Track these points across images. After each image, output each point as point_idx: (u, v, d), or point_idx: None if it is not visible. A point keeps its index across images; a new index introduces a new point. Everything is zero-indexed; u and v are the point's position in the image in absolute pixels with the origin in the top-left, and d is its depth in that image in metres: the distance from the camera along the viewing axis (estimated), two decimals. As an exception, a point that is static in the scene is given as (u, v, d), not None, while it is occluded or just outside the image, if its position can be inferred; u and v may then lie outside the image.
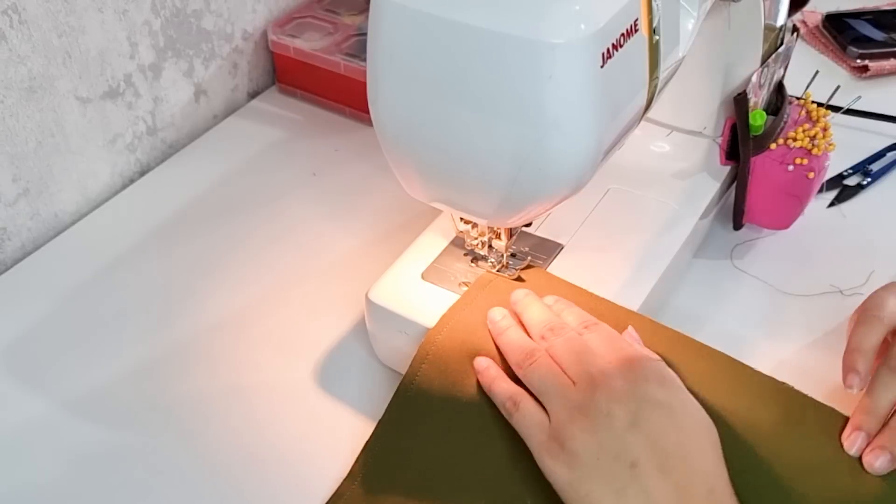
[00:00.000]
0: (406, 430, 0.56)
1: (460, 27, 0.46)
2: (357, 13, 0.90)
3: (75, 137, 0.74)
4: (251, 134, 0.86)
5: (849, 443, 0.51)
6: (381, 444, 0.56)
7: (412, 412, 0.56)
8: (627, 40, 0.48)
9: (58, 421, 0.60)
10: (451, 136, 0.50)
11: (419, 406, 0.56)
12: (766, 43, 0.67)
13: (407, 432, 0.56)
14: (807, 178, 0.66)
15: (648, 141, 0.72)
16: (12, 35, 0.66)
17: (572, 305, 0.58)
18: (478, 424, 0.55)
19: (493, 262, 0.63)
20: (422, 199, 0.57)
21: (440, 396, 0.56)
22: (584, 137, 0.49)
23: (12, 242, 0.73)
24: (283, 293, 0.68)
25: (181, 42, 0.81)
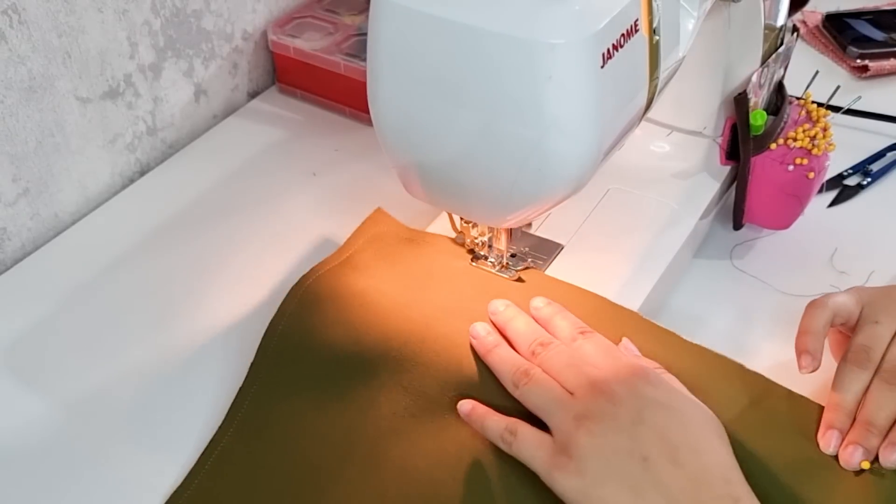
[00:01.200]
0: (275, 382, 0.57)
1: (460, 27, 0.46)
2: (357, 13, 0.90)
3: (75, 137, 0.74)
4: (251, 134, 0.86)
5: (824, 442, 0.52)
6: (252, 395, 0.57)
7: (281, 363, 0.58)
8: (627, 41, 0.48)
9: (58, 421, 0.60)
10: (450, 137, 0.50)
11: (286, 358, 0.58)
12: (766, 43, 0.67)
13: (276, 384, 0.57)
14: (807, 178, 0.66)
15: (648, 141, 0.72)
16: (12, 35, 0.66)
17: (563, 310, 0.58)
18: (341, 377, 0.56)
19: (493, 262, 0.63)
20: (422, 199, 0.57)
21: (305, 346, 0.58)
22: (584, 138, 0.49)
23: (12, 242, 0.73)
24: (283, 293, 0.67)
25: (181, 42, 0.81)
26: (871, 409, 0.52)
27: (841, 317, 0.55)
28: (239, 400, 0.58)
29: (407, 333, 0.58)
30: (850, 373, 0.53)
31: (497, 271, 0.62)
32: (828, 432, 0.52)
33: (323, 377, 0.57)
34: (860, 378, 0.53)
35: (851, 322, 0.56)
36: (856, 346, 0.54)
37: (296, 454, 0.54)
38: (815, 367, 0.54)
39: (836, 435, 0.52)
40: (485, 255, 0.63)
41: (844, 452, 0.51)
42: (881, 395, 0.52)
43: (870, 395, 0.52)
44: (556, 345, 0.55)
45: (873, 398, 0.52)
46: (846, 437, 0.52)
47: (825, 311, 0.55)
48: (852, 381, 0.53)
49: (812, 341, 0.54)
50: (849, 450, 0.51)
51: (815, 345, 0.54)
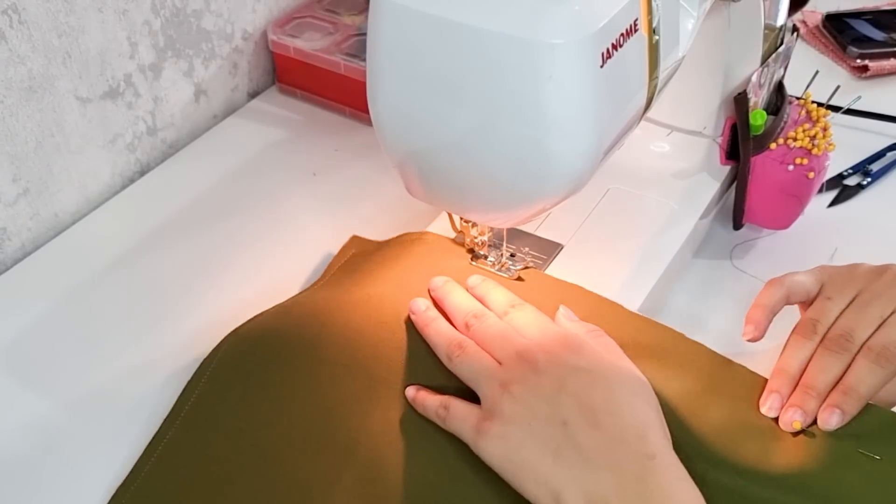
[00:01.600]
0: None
1: (460, 27, 0.46)
2: (357, 13, 0.90)
3: (75, 137, 0.74)
4: (251, 134, 0.86)
5: (766, 406, 0.54)
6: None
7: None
8: (627, 40, 0.48)
9: (58, 421, 0.60)
10: (450, 137, 0.50)
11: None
12: (766, 43, 0.67)
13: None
14: (807, 178, 0.66)
15: (648, 141, 0.72)
16: (12, 35, 0.66)
17: (498, 286, 0.59)
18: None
19: (493, 262, 0.63)
20: (421, 199, 0.57)
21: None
22: (584, 137, 0.49)
23: (12, 242, 0.73)
24: (283, 293, 0.67)
25: (181, 42, 0.81)
26: (812, 373, 0.54)
27: (798, 295, 0.58)
28: (187, 391, 0.59)
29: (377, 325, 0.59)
30: (796, 342, 0.55)
31: (497, 271, 0.62)
32: (770, 396, 0.54)
33: (274, 366, 0.58)
34: (805, 347, 0.55)
35: (810, 300, 0.58)
36: (804, 318, 0.56)
37: (244, 442, 0.55)
38: (756, 336, 0.57)
39: (777, 398, 0.54)
40: (485, 255, 0.63)
41: (784, 415, 0.53)
42: (823, 360, 0.54)
43: (812, 361, 0.54)
44: (489, 316, 0.56)
45: (815, 364, 0.54)
46: (787, 400, 0.54)
47: (780, 289, 0.57)
48: (797, 350, 0.55)
49: (759, 314, 0.57)
50: (789, 412, 0.53)
51: (761, 317, 0.57)
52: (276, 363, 0.59)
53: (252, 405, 0.57)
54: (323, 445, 0.54)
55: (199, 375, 0.60)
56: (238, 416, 0.56)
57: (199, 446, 0.56)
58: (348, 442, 0.54)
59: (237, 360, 0.60)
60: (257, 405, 0.57)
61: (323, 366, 0.58)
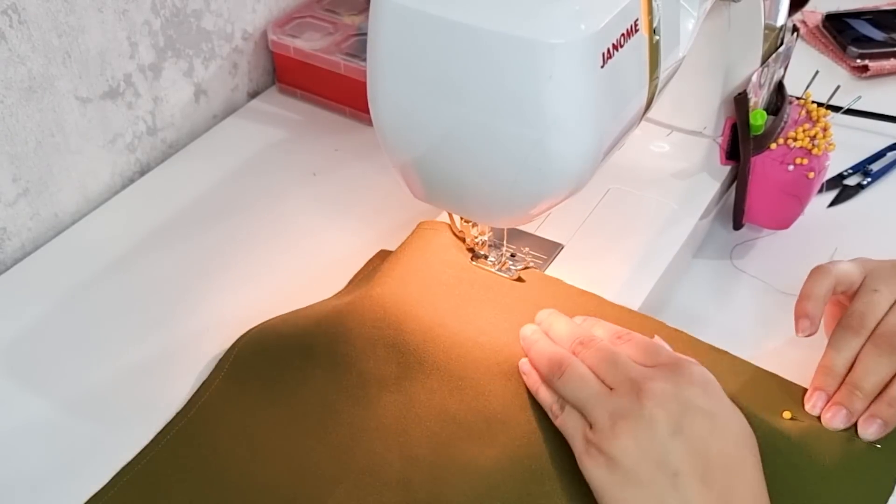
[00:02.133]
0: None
1: (460, 27, 0.46)
2: (357, 13, 0.90)
3: (75, 137, 0.74)
4: (251, 134, 0.86)
5: (811, 404, 0.52)
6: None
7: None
8: (627, 40, 0.48)
9: (58, 421, 0.60)
10: (450, 137, 0.50)
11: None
12: (766, 43, 0.67)
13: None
14: (807, 178, 0.66)
15: (648, 141, 0.72)
16: (12, 35, 0.66)
17: (601, 321, 0.57)
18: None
19: (493, 262, 0.63)
20: (422, 199, 0.57)
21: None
22: (584, 137, 0.49)
23: (12, 242, 0.73)
24: (283, 293, 0.67)
25: (181, 42, 0.81)
26: (860, 373, 0.52)
27: (843, 284, 0.55)
28: (204, 386, 0.60)
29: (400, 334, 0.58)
30: (843, 337, 0.53)
31: (497, 271, 0.62)
32: (815, 393, 0.53)
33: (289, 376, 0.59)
34: (852, 343, 0.53)
35: (852, 291, 0.55)
36: (851, 311, 0.54)
37: (253, 439, 0.56)
38: (812, 331, 0.55)
39: (823, 396, 0.52)
40: (485, 255, 0.63)
41: (827, 413, 0.52)
42: (871, 360, 0.52)
43: (860, 359, 0.52)
44: (598, 341, 0.53)
45: (863, 363, 0.52)
46: (832, 399, 0.52)
47: (828, 278, 0.55)
48: (844, 346, 0.53)
49: (812, 306, 0.55)
50: (832, 410, 0.52)
51: (815, 310, 0.55)
52: (290, 364, 0.59)
53: (265, 405, 0.57)
54: (328, 446, 0.54)
55: (217, 371, 0.60)
56: (250, 414, 0.57)
57: (208, 439, 0.56)
58: (350, 443, 0.54)
59: (253, 359, 0.60)
60: (270, 405, 0.57)
61: (334, 368, 0.58)
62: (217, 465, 0.55)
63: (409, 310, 0.59)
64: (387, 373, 0.57)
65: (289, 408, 0.57)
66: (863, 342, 0.53)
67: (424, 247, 0.64)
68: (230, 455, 0.55)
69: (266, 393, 0.58)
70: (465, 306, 0.60)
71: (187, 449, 0.56)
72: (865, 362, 0.52)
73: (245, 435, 0.56)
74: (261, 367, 0.60)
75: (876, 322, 0.53)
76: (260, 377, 0.59)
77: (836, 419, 0.51)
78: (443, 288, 0.61)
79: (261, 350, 0.61)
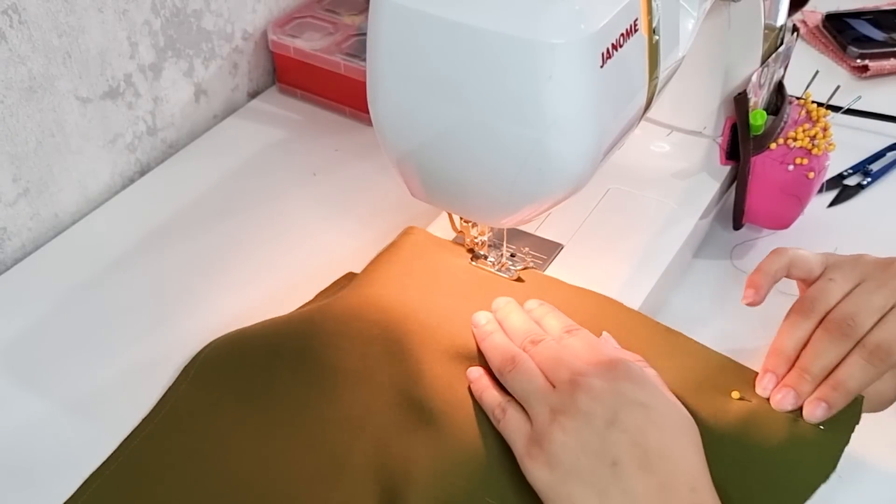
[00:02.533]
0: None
1: (460, 27, 0.46)
2: (357, 13, 0.90)
3: (75, 137, 0.74)
4: (251, 134, 0.86)
5: (761, 386, 0.54)
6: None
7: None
8: (627, 40, 0.48)
9: (58, 421, 0.60)
10: (450, 136, 0.50)
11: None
12: (766, 43, 0.67)
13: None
14: (807, 178, 0.66)
15: (648, 141, 0.72)
16: (12, 35, 0.66)
17: (554, 310, 0.58)
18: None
19: (493, 262, 0.63)
20: (422, 199, 0.57)
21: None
22: (584, 137, 0.49)
23: (12, 242, 0.73)
24: (283, 293, 0.67)
25: (181, 42, 0.81)
26: (809, 357, 0.53)
27: (800, 269, 0.57)
28: (169, 393, 0.60)
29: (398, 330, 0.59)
30: (794, 321, 0.54)
31: (497, 271, 0.62)
32: (766, 375, 0.54)
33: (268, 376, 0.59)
34: (802, 327, 0.54)
35: (811, 279, 0.57)
36: (804, 296, 0.55)
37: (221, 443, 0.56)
38: (755, 300, 0.56)
39: (772, 378, 0.54)
40: (485, 255, 0.63)
41: (777, 395, 0.53)
42: (820, 344, 0.53)
43: (810, 343, 0.54)
44: (547, 340, 0.55)
45: (812, 347, 0.53)
46: (781, 381, 0.53)
47: (783, 257, 0.57)
48: (795, 329, 0.54)
49: (760, 278, 0.57)
50: (781, 392, 0.53)
51: (762, 282, 0.56)
52: (257, 364, 0.59)
53: (234, 405, 0.58)
54: (298, 441, 0.55)
55: (181, 378, 0.61)
56: (220, 415, 0.57)
57: (175, 444, 0.56)
58: (320, 436, 0.55)
59: (218, 364, 0.61)
60: (239, 404, 0.57)
61: (300, 363, 0.58)
62: (190, 466, 0.55)
63: (380, 302, 0.60)
64: (351, 365, 0.57)
65: (258, 406, 0.57)
66: (813, 326, 0.54)
67: (409, 247, 0.64)
68: (202, 456, 0.55)
69: (234, 393, 0.58)
70: (442, 299, 0.60)
71: (157, 452, 0.56)
72: (815, 346, 0.53)
73: (216, 435, 0.57)
74: (227, 369, 0.60)
75: (827, 308, 0.54)
76: (227, 379, 0.60)
77: (785, 401, 0.52)
78: (423, 284, 0.61)
79: (226, 353, 0.61)
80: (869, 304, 0.53)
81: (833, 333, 0.53)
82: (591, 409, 0.49)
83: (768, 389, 0.53)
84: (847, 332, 0.52)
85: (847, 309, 0.53)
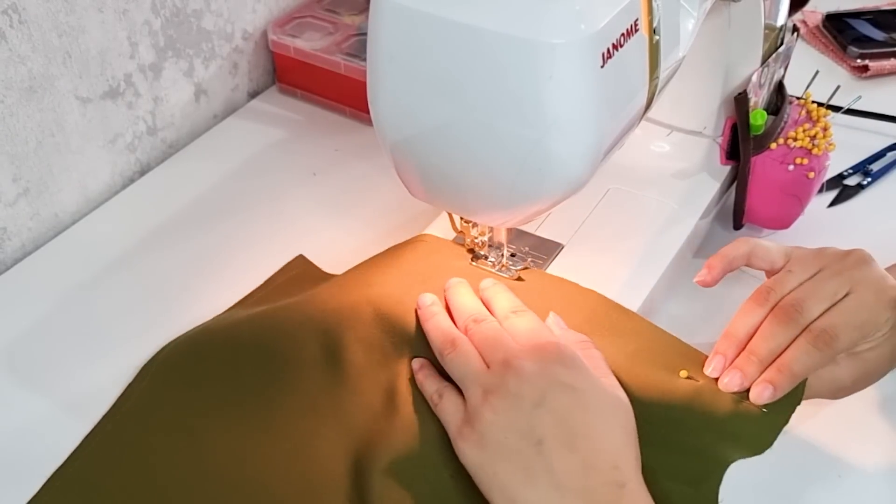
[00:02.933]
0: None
1: (460, 27, 0.46)
2: (357, 13, 0.90)
3: (75, 137, 0.74)
4: (251, 134, 0.86)
5: (710, 368, 0.55)
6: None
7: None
8: (627, 40, 0.48)
9: (58, 421, 0.60)
10: (450, 136, 0.50)
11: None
12: (767, 43, 0.67)
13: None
14: (807, 178, 0.66)
15: (648, 141, 0.72)
16: (12, 35, 0.66)
17: (505, 291, 0.59)
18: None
19: (493, 262, 0.63)
20: (422, 199, 0.57)
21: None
22: (584, 137, 0.49)
23: (12, 242, 0.73)
24: (283, 293, 0.67)
25: (181, 42, 0.81)
26: (758, 340, 0.54)
27: (762, 260, 0.58)
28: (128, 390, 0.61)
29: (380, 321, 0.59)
30: (748, 308, 0.56)
31: (497, 271, 0.62)
32: (715, 357, 0.55)
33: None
34: (755, 314, 0.55)
35: (773, 270, 0.58)
36: (762, 286, 0.56)
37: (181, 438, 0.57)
38: (707, 280, 0.58)
39: (721, 360, 0.55)
40: (485, 255, 0.63)
41: (725, 377, 0.54)
42: (769, 328, 0.54)
43: (760, 328, 0.55)
44: (489, 321, 0.56)
45: (761, 331, 0.54)
46: (730, 363, 0.55)
47: (745, 246, 0.58)
48: (747, 316, 0.55)
49: (718, 261, 0.58)
50: (729, 374, 0.54)
51: (718, 264, 0.58)
52: (219, 359, 0.61)
53: (198, 399, 0.59)
54: (266, 431, 0.56)
55: (140, 376, 0.61)
56: (184, 407, 0.59)
57: (137, 440, 0.57)
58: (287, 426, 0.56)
59: (180, 361, 0.62)
60: (203, 399, 0.59)
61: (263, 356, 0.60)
62: (155, 460, 0.56)
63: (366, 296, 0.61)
64: (309, 355, 0.58)
65: (223, 399, 0.58)
66: (766, 314, 0.55)
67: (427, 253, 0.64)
68: (168, 449, 0.56)
69: (197, 388, 0.59)
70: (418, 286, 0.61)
71: (122, 447, 0.57)
72: (763, 331, 0.54)
73: (183, 428, 0.57)
74: (188, 365, 0.61)
75: (781, 297, 0.55)
76: (189, 374, 0.60)
77: (732, 382, 0.54)
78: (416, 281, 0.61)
79: (187, 351, 0.62)
80: (820, 292, 0.54)
81: (781, 318, 0.54)
82: (521, 391, 0.50)
83: (717, 371, 0.55)
84: (795, 317, 0.54)
85: (798, 296, 0.55)
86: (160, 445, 0.57)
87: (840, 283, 0.54)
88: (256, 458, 0.55)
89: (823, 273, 0.55)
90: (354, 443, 0.55)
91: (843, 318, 0.53)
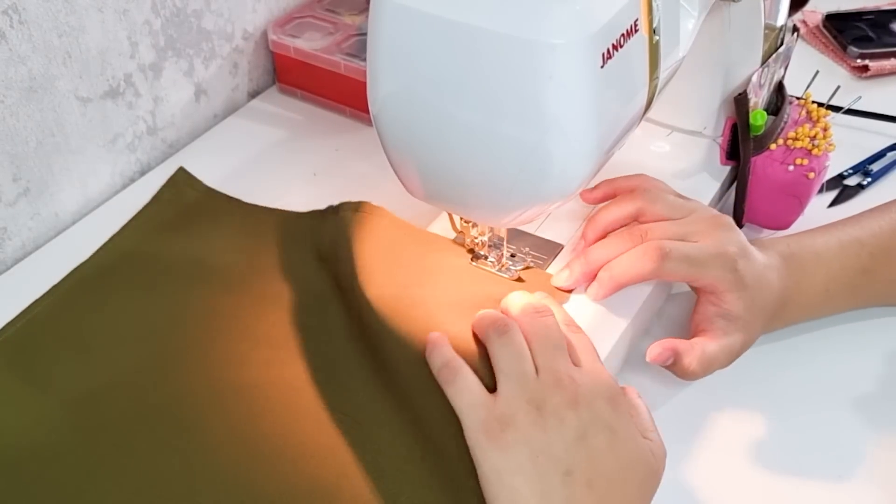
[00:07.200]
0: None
1: (460, 27, 0.46)
2: (357, 13, 0.90)
3: (75, 137, 0.74)
4: (251, 134, 0.86)
5: (554, 276, 0.61)
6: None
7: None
8: (627, 40, 0.48)
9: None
10: (451, 137, 0.50)
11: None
12: (767, 43, 0.67)
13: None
14: (807, 178, 0.66)
15: (648, 141, 0.72)
16: (12, 35, 0.66)
17: (559, 306, 0.58)
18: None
19: (493, 262, 0.63)
20: (422, 199, 0.57)
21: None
22: (585, 137, 0.49)
23: (12, 242, 0.73)
24: (284, 293, 0.67)
25: (181, 42, 0.81)
26: (596, 246, 0.60)
27: (649, 214, 0.61)
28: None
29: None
30: (607, 239, 0.61)
31: (497, 271, 0.62)
32: (562, 270, 0.61)
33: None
34: (611, 241, 0.60)
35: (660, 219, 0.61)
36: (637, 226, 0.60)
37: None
38: (588, 197, 0.65)
39: (564, 270, 0.61)
40: (485, 255, 0.63)
41: (556, 275, 0.61)
42: (609, 239, 0.60)
43: (606, 237, 0.61)
44: (550, 319, 0.54)
45: (603, 240, 0.60)
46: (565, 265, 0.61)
47: (638, 180, 0.64)
48: (604, 242, 0.60)
49: (606, 184, 0.64)
50: (561, 271, 0.61)
51: (605, 186, 0.64)
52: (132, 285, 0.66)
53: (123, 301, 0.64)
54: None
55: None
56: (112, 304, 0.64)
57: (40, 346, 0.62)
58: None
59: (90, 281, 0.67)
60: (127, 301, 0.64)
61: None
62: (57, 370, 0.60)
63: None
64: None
65: (145, 298, 0.63)
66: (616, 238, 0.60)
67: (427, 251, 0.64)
68: (94, 342, 0.61)
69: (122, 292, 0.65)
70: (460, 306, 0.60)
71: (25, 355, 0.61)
72: (604, 241, 0.60)
73: (109, 325, 0.62)
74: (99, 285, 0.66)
75: (641, 233, 0.59)
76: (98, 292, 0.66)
77: (557, 278, 0.60)
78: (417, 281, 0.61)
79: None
80: (671, 229, 0.58)
81: (624, 234, 0.59)
82: (566, 417, 0.49)
83: (561, 278, 0.60)
84: (637, 234, 0.58)
85: (650, 225, 0.59)
86: (88, 336, 0.61)
87: (692, 228, 0.58)
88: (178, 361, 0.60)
89: (685, 219, 0.59)
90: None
91: (680, 249, 0.56)
